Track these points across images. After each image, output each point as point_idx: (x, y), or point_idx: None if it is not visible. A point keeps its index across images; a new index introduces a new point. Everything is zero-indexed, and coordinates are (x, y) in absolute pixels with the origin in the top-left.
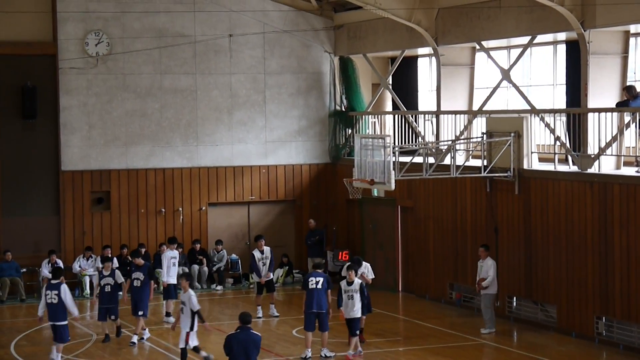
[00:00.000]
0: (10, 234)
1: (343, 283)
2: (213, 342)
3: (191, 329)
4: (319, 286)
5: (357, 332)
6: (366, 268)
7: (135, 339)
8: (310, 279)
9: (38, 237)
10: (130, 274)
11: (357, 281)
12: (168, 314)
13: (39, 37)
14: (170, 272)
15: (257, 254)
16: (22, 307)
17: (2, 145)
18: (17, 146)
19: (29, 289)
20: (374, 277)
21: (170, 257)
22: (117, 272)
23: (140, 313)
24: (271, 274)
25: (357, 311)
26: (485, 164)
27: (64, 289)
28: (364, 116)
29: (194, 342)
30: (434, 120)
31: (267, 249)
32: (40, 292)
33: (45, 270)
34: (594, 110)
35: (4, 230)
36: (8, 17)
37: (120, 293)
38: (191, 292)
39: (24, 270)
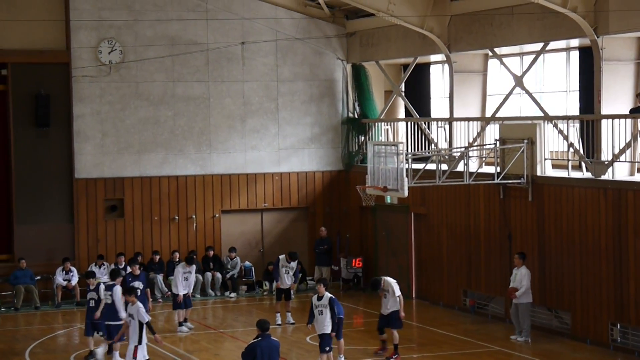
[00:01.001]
0: (24, 242)
1: (314, 298)
2: (227, 349)
3: (139, 342)
4: (332, 297)
5: (328, 348)
6: (389, 287)
7: None
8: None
9: (52, 245)
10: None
11: (327, 296)
12: (180, 324)
13: (52, 46)
14: (182, 285)
15: (283, 260)
16: (37, 314)
17: (16, 153)
18: (31, 154)
19: (43, 296)
20: (400, 294)
21: (183, 272)
22: (102, 287)
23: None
24: (294, 285)
25: (327, 327)
26: (498, 170)
27: (116, 290)
28: (376, 123)
29: (142, 356)
30: (447, 127)
31: (294, 262)
32: (55, 299)
33: (60, 278)
34: (607, 116)
35: (18, 238)
36: (22, 26)
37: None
38: (139, 304)
39: (38, 277)
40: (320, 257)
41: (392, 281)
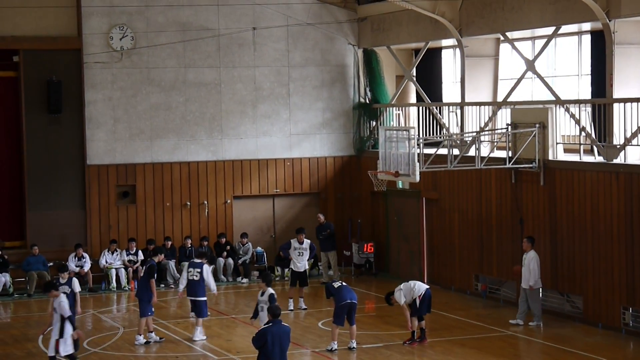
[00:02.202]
0: (36, 228)
1: (259, 294)
2: (239, 335)
3: (61, 335)
4: (344, 283)
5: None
6: (404, 292)
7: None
8: (334, 283)
9: (64, 231)
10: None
11: (269, 292)
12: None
13: (64, 32)
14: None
15: (294, 243)
16: (49, 300)
17: (28, 139)
18: (43, 141)
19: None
20: (403, 302)
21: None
22: (75, 281)
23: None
24: (305, 265)
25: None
26: (510, 155)
27: (207, 268)
28: (388, 108)
29: (66, 350)
30: (459, 111)
31: (307, 242)
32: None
33: (72, 264)
34: (619, 100)
35: (30, 224)
36: (33, 12)
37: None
38: (62, 297)
39: (51, 264)
40: (324, 243)
41: (399, 290)
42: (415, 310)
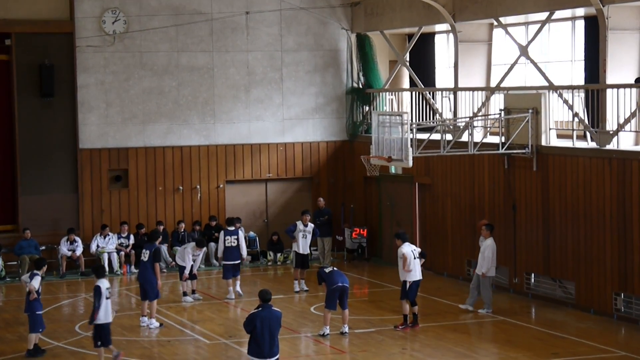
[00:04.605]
0: (29, 212)
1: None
2: (231, 319)
3: None
4: (335, 269)
5: (99, 342)
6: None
7: (146, 321)
8: (325, 269)
9: (57, 215)
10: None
11: (96, 284)
12: (185, 294)
13: (57, 16)
14: (189, 263)
15: (300, 225)
16: (41, 284)
17: (20, 123)
18: (35, 125)
19: (47, 266)
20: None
21: (192, 253)
22: (36, 276)
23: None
24: (308, 248)
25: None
26: (503, 140)
27: (241, 234)
28: (381, 93)
29: None
30: (452, 97)
31: (310, 225)
32: (59, 269)
33: (64, 248)
34: (612, 86)
35: (23, 208)
36: None
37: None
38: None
39: (43, 248)
40: (321, 228)
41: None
42: (404, 293)
